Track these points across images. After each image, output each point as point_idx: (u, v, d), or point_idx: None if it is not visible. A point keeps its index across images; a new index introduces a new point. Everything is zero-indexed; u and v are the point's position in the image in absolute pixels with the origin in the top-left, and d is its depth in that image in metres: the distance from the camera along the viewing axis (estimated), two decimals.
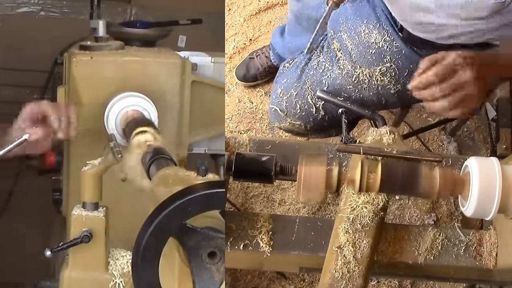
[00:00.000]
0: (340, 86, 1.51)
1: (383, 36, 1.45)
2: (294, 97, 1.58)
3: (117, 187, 1.39)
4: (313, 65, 1.57)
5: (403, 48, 1.45)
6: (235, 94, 2.35)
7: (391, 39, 1.45)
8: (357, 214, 1.18)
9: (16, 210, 2.16)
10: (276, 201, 1.57)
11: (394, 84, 1.48)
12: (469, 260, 1.22)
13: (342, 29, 1.50)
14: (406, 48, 1.44)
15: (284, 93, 1.60)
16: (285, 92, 1.60)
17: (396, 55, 1.45)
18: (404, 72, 1.46)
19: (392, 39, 1.45)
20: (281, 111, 1.61)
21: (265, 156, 1.10)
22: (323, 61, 1.55)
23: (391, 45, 1.45)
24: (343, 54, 1.50)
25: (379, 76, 1.47)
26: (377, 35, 1.45)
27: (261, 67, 2.30)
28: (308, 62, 1.59)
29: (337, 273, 1.13)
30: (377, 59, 1.46)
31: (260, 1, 2.54)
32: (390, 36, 1.45)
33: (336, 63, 1.52)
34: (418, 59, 1.44)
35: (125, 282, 1.22)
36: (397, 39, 1.44)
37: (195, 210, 0.77)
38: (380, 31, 1.45)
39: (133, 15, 2.39)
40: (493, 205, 1.03)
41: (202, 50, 1.63)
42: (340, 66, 1.51)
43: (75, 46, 1.54)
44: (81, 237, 1.18)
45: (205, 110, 1.53)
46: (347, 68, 1.50)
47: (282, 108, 1.61)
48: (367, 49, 1.46)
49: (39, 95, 2.01)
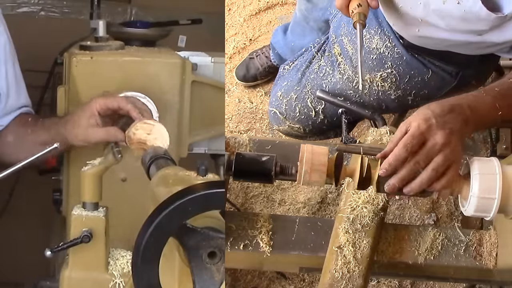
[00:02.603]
0: (341, 91, 1.51)
1: (384, 42, 1.45)
2: (294, 100, 1.58)
3: (117, 187, 1.39)
4: (314, 68, 1.57)
5: (404, 54, 1.44)
6: (235, 94, 2.35)
7: (392, 45, 1.45)
8: (357, 214, 1.18)
9: (16, 210, 2.16)
10: (276, 201, 1.57)
11: (395, 90, 1.48)
12: (469, 260, 1.23)
13: (343, 33, 1.51)
14: (407, 55, 1.44)
15: (284, 96, 1.60)
16: (285, 95, 1.60)
17: (397, 61, 1.45)
18: (405, 78, 1.46)
19: (394, 45, 1.44)
20: (280, 114, 1.62)
21: (265, 156, 1.10)
22: (324, 65, 1.55)
23: (392, 51, 1.45)
24: (344, 58, 1.50)
25: (379, 82, 1.47)
26: (378, 41, 1.45)
27: (261, 67, 2.30)
28: (309, 66, 1.59)
29: (337, 273, 1.13)
30: (378, 65, 1.46)
31: (260, 1, 2.54)
32: (391, 42, 1.45)
33: (337, 67, 1.52)
34: (419, 65, 1.45)
35: (125, 282, 1.22)
36: (398, 45, 1.44)
37: (195, 210, 0.77)
38: (382, 37, 1.45)
39: (133, 15, 2.39)
40: (493, 205, 1.02)
41: (202, 50, 1.63)
42: (341, 71, 1.51)
43: (75, 46, 1.54)
44: (81, 237, 1.18)
45: (205, 110, 1.53)
46: (348, 73, 1.50)
47: (281, 111, 1.61)
48: (368, 55, 1.46)
49: (39, 95, 2.01)
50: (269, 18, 2.52)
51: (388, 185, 1.03)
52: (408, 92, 1.49)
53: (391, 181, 1.02)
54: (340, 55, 1.51)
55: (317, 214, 1.78)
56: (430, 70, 1.46)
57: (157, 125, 1.23)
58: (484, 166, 1.05)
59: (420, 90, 1.49)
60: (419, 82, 1.47)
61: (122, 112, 1.29)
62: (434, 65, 1.46)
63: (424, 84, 1.48)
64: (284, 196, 1.56)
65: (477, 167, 1.05)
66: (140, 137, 1.21)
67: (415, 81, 1.47)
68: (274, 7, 2.54)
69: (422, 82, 1.47)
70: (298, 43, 2.00)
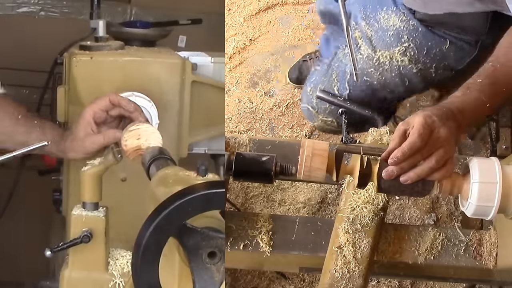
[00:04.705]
0: (362, 70, 1.53)
1: (399, 17, 1.49)
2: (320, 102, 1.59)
3: (117, 187, 1.39)
4: (339, 57, 1.61)
5: (419, 26, 1.48)
6: (235, 94, 2.35)
7: (407, 19, 1.48)
8: (357, 214, 1.18)
9: (16, 210, 2.16)
10: (276, 201, 1.57)
11: (415, 63, 1.51)
12: (469, 260, 1.23)
13: (361, 17, 1.55)
14: (422, 26, 1.48)
15: (314, 90, 1.62)
16: (314, 89, 1.62)
17: (413, 33, 1.48)
18: (423, 50, 1.49)
19: (408, 19, 1.48)
20: (312, 109, 1.63)
21: (265, 156, 1.10)
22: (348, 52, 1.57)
23: (407, 24, 1.48)
24: (364, 40, 1.54)
25: (399, 57, 1.50)
26: (394, 18, 1.50)
27: None
28: (334, 57, 1.62)
29: (337, 273, 1.13)
30: (395, 40, 1.49)
31: (260, 1, 2.54)
32: (406, 16, 1.48)
33: (358, 50, 1.55)
34: (435, 36, 1.48)
35: (125, 282, 1.22)
36: (412, 18, 1.48)
37: (195, 210, 0.77)
38: (397, 13, 1.49)
39: (133, 15, 2.39)
40: (493, 205, 1.03)
41: (202, 50, 1.63)
42: (361, 52, 1.54)
43: (75, 46, 1.53)
44: (81, 237, 1.18)
45: (205, 110, 1.53)
46: (368, 52, 1.53)
47: (313, 106, 1.63)
48: (386, 32, 1.50)
49: (39, 95, 2.01)
50: (269, 18, 2.52)
51: (386, 171, 1.05)
52: (428, 65, 1.51)
53: (390, 168, 1.05)
54: (361, 38, 1.55)
55: (317, 214, 1.78)
56: (447, 40, 1.49)
57: (143, 127, 1.22)
58: (484, 166, 1.05)
59: (440, 62, 1.51)
60: (438, 54, 1.50)
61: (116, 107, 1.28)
62: (450, 36, 1.48)
63: (443, 55, 1.50)
64: (284, 196, 1.57)
65: (477, 167, 1.05)
66: (133, 145, 1.20)
67: (434, 52, 1.50)
68: (274, 7, 2.54)
69: (441, 53, 1.50)
70: None
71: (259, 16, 2.52)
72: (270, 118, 2.31)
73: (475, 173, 1.05)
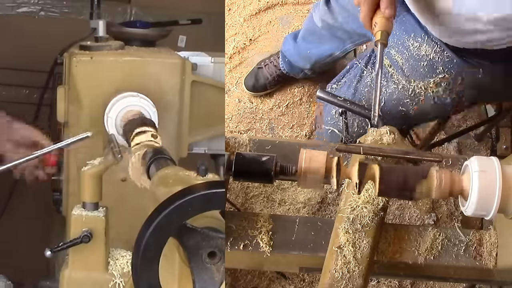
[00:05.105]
0: (397, 101, 1.51)
1: (433, 48, 1.45)
2: (351, 116, 1.58)
3: (117, 187, 1.39)
4: (366, 82, 1.57)
5: (454, 57, 1.44)
6: (235, 94, 2.35)
7: (441, 50, 1.45)
8: (357, 214, 1.18)
9: (16, 210, 2.16)
10: (276, 201, 1.57)
11: (449, 93, 1.49)
12: (469, 260, 1.23)
13: (390, 45, 1.50)
14: (457, 58, 1.44)
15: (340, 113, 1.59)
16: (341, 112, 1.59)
17: (448, 65, 1.45)
18: (457, 81, 1.47)
19: (442, 50, 1.44)
20: (339, 132, 1.61)
21: (265, 156, 1.10)
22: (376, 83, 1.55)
23: (442, 56, 1.45)
24: (395, 69, 1.51)
25: (434, 87, 1.47)
26: (427, 48, 1.45)
27: (270, 76, 2.30)
28: (360, 80, 1.59)
29: (337, 273, 1.13)
30: (430, 71, 1.46)
31: (260, 1, 2.54)
32: (440, 47, 1.45)
33: (390, 78, 1.52)
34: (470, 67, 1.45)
35: (125, 282, 1.22)
36: (447, 49, 1.44)
37: (195, 210, 0.77)
38: (429, 43, 1.45)
39: (133, 15, 2.39)
40: (493, 205, 1.02)
41: (202, 50, 1.63)
42: (395, 81, 1.51)
43: (75, 46, 1.54)
44: (81, 237, 1.18)
45: (205, 110, 1.53)
46: (402, 83, 1.50)
47: (339, 129, 1.61)
48: (418, 62, 1.46)
49: (39, 95, 2.01)
50: (269, 18, 2.52)
51: None
52: (461, 94, 1.49)
53: None
54: (391, 66, 1.51)
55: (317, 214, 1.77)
56: (480, 70, 1.46)
57: None
58: (484, 166, 1.05)
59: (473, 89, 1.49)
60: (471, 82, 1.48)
61: None
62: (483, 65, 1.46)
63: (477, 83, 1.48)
64: (284, 196, 1.56)
65: (477, 167, 1.05)
66: None
67: (467, 82, 1.47)
68: (274, 7, 2.54)
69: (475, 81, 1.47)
70: (315, 51, 2.00)
71: (259, 16, 2.53)
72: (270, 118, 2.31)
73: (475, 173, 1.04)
